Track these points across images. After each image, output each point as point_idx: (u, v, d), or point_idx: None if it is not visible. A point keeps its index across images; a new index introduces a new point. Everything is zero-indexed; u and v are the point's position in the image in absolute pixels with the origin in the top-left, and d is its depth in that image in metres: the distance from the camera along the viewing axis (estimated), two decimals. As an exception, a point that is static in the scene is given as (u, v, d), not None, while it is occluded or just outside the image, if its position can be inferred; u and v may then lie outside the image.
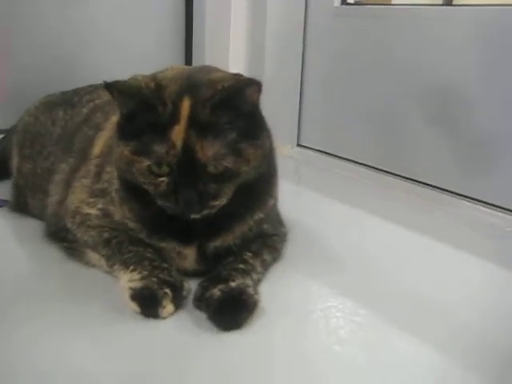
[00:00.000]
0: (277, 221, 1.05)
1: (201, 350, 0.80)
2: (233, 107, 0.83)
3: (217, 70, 0.94)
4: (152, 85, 0.84)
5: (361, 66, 1.60)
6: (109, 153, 0.98)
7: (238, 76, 0.87)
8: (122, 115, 0.88)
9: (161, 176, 0.83)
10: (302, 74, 1.79)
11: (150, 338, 0.82)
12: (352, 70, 1.63)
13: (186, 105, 0.82)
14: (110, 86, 0.84)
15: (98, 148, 1.02)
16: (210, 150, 0.81)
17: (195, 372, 0.76)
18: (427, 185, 1.40)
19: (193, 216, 0.85)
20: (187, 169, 0.82)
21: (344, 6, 1.66)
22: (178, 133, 0.81)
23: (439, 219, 1.25)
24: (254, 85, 0.84)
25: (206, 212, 0.85)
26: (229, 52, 1.79)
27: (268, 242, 1.00)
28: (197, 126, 0.81)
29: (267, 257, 0.98)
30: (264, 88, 1.56)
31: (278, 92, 1.77)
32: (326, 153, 1.75)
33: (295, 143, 1.86)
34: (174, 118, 0.81)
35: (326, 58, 1.71)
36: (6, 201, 1.27)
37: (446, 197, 1.33)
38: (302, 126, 1.85)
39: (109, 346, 0.80)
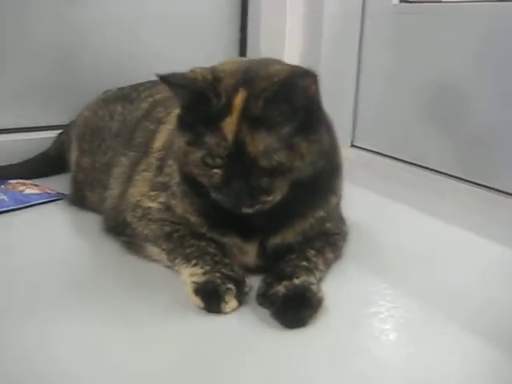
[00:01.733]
0: (339, 219, 1.02)
1: (264, 347, 0.78)
2: (287, 100, 0.81)
3: (278, 62, 0.91)
4: (209, 77, 0.83)
5: (419, 63, 1.56)
6: (170, 146, 0.97)
7: (294, 68, 0.85)
8: (181, 106, 0.87)
9: (215, 167, 0.82)
10: (358, 72, 1.76)
11: (214, 334, 0.80)
12: (410, 68, 1.59)
13: (239, 97, 0.80)
14: (164, 79, 0.84)
15: (159, 141, 1.02)
16: (261, 144, 0.79)
17: (258, 368, 0.74)
18: (488, 187, 1.37)
19: (244, 210, 0.83)
20: (238, 162, 0.80)
21: (403, 4, 1.62)
22: (229, 125, 0.79)
23: (504, 223, 1.20)
24: (309, 77, 0.81)
25: (257, 207, 0.83)
26: (284, 50, 1.77)
27: (330, 240, 0.98)
28: (249, 118, 0.79)
29: (329, 255, 0.96)
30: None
31: (332, 90, 1.74)
32: (381, 154, 1.71)
33: (349, 144, 1.84)
34: (226, 110, 0.80)
35: (383, 55, 1.68)
36: (64, 194, 1.29)
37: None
38: (357, 126, 1.82)
39: (171, 340, 0.79)
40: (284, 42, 1.75)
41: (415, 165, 1.60)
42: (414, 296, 0.93)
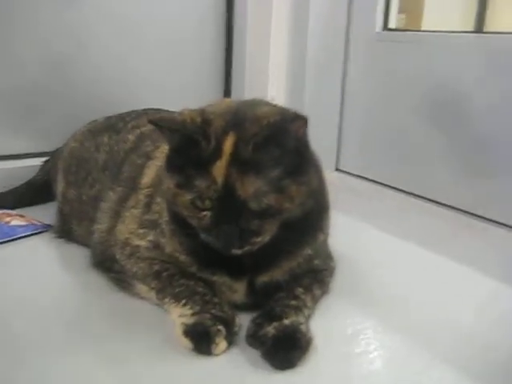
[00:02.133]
0: (326, 255, 1.03)
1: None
2: (277, 144, 0.81)
3: (265, 103, 0.91)
4: (198, 120, 0.83)
5: (402, 89, 1.59)
6: (159, 183, 0.97)
7: (283, 111, 0.86)
8: (169, 149, 0.88)
9: (204, 210, 0.83)
10: (342, 97, 1.79)
11: (203, 376, 0.80)
12: (394, 94, 1.62)
13: (229, 141, 0.81)
14: (154, 123, 0.84)
15: (147, 177, 1.02)
16: (250, 187, 0.80)
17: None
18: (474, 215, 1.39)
19: (233, 252, 0.84)
20: (228, 205, 0.81)
21: (385, 32, 1.65)
22: (219, 168, 0.80)
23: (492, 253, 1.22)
24: (299, 120, 0.82)
25: (247, 248, 0.83)
26: (268, 77, 1.79)
27: (318, 276, 0.98)
28: (239, 162, 0.80)
29: (317, 292, 0.97)
30: (303, 108, 1.57)
31: (317, 114, 1.76)
32: (366, 178, 1.73)
33: (334, 168, 1.85)
34: (216, 154, 0.80)
35: (367, 81, 1.70)
36: (49, 225, 1.28)
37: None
38: (342, 151, 1.84)
39: (160, 382, 0.79)
40: (268, 70, 1.77)
41: (399, 190, 1.62)
42: (400, 333, 0.93)
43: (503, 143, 1.34)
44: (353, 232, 1.38)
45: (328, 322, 0.94)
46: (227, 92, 1.87)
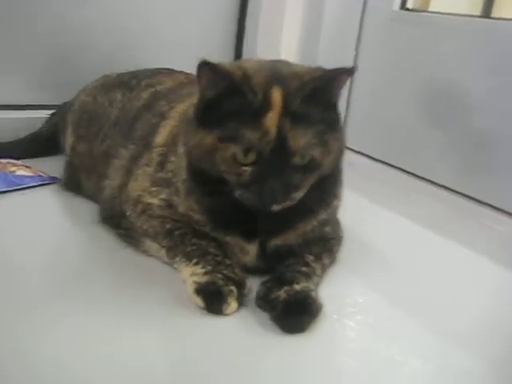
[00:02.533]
0: (336, 224, 1.04)
1: (263, 351, 0.80)
2: (322, 97, 0.83)
3: (299, 65, 0.92)
4: (240, 72, 0.83)
5: (415, 70, 1.59)
6: (173, 142, 0.97)
7: (319, 68, 0.86)
8: (203, 101, 0.86)
9: (245, 165, 0.82)
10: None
11: (212, 334, 0.81)
12: (406, 75, 1.62)
13: (276, 94, 0.81)
14: (204, 65, 0.82)
15: (161, 137, 1.01)
16: (302, 139, 0.80)
17: (256, 372, 0.76)
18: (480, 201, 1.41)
19: (274, 207, 0.83)
20: (278, 157, 0.80)
21: (402, 11, 1.64)
22: (271, 120, 0.80)
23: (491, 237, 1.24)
24: (347, 73, 0.84)
25: (286, 203, 0.83)
26: (281, 46, 1.77)
27: (327, 245, 0.99)
28: (289, 114, 0.80)
29: (326, 261, 0.98)
30: None
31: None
32: (371, 157, 1.74)
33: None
34: (266, 106, 0.80)
35: (378, 60, 1.70)
36: (56, 178, 1.27)
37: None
38: (349, 129, 1.84)
39: (168, 339, 0.81)
40: (280, 44, 1.76)
41: (404, 171, 1.63)
42: (401, 306, 0.95)
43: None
44: (357, 207, 1.40)
45: (334, 292, 0.95)
46: (238, 53, 1.85)
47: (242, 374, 0.75)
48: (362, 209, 1.35)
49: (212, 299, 0.83)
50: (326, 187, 0.92)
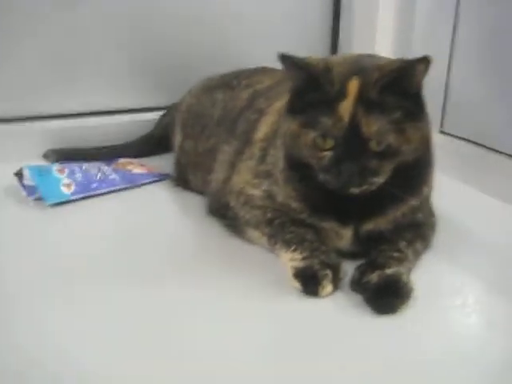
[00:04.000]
0: (429, 210, 1.07)
1: (355, 329, 0.86)
2: (400, 88, 0.87)
3: (384, 57, 0.98)
4: (321, 64, 0.90)
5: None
6: (273, 137, 1.04)
7: (402, 59, 0.91)
8: (292, 90, 0.94)
9: (324, 150, 0.88)
10: (450, 56, 1.76)
11: (309, 315, 0.88)
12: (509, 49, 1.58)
13: (353, 84, 0.87)
14: (284, 58, 0.90)
15: (261, 132, 1.09)
16: (374, 125, 0.86)
17: (348, 351, 0.81)
18: None
19: (352, 190, 0.89)
20: (352, 142, 0.86)
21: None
22: (345, 107, 0.86)
23: None
24: (424, 62, 0.87)
25: (364, 187, 0.89)
26: (376, 30, 1.79)
27: (420, 231, 1.02)
28: (364, 102, 0.86)
29: (419, 246, 1.01)
30: None
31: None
32: (473, 142, 1.71)
33: (437, 130, 1.84)
34: (341, 94, 0.87)
35: (478, 35, 1.67)
36: (168, 174, 1.39)
37: None
38: (447, 111, 1.82)
39: (269, 317, 0.88)
40: (376, 27, 1.78)
41: (507, 154, 1.59)
42: (498, 290, 0.96)
43: None
44: (455, 193, 1.40)
45: (428, 276, 0.98)
46: (334, 48, 1.89)
47: (332, 352, 0.81)
48: (457, 192, 1.36)
49: (309, 282, 0.90)
50: (414, 175, 0.95)
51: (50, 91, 1.53)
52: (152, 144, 1.55)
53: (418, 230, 1.02)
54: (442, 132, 1.83)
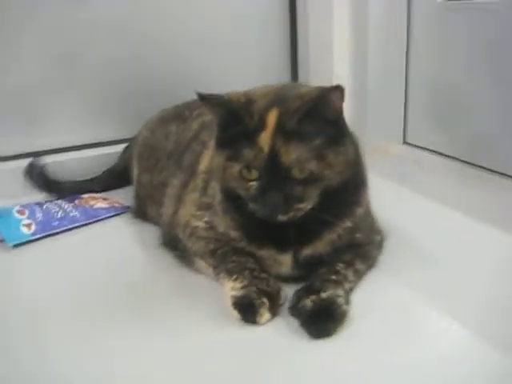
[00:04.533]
0: (370, 229, 1.09)
1: (292, 354, 0.88)
2: (318, 116, 0.90)
3: (305, 85, 1.01)
4: (242, 99, 0.93)
5: (465, 58, 1.58)
6: (212, 169, 1.07)
7: (323, 87, 0.93)
8: (218, 126, 0.97)
9: (250, 180, 0.92)
10: (406, 69, 1.80)
11: (248, 341, 0.91)
12: (459, 64, 1.61)
13: (273, 115, 0.90)
14: (202, 98, 0.94)
15: (203, 164, 1.13)
16: (294, 154, 0.88)
17: (286, 374, 0.84)
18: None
19: (279, 218, 0.92)
20: (273, 171, 0.89)
21: (447, 2, 1.64)
22: (264, 138, 0.89)
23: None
24: (337, 91, 0.89)
25: (291, 214, 0.91)
26: (333, 50, 1.82)
27: (360, 251, 1.05)
28: (283, 132, 0.89)
29: (360, 266, 1.03)
30: (368, 84, 1.58)
31: (382, 88, 1.80)
32: (434, 151, 1.74)
33: (401, 141, 1.88)
34: (260, 126, 0.90)
35: (430, 52, 1.71)
36: (128, 207, 1.43)
37: None
38: (409, 123, 1.86)
39: (210, 345, 0.91)
40: (332, 44, 1.81)
41: (468, 163, 1.62)
42: (448, 305, 0.98)
43: None
44: (412, 205, 1.43)
45: (371, 295, 1.01)
46: (294, 70, 1.93)
47: (270, 375, 0.84)
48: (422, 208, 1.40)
49: (246, 311, 0.93)
50: (344, 197, 0.97)
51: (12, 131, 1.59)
52: (115, 177, 1.59)
53: (358, 250, 1.04)
54: (405, 143, 1.87)
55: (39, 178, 1.55)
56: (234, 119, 0.91)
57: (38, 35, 1.58)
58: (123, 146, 1.64)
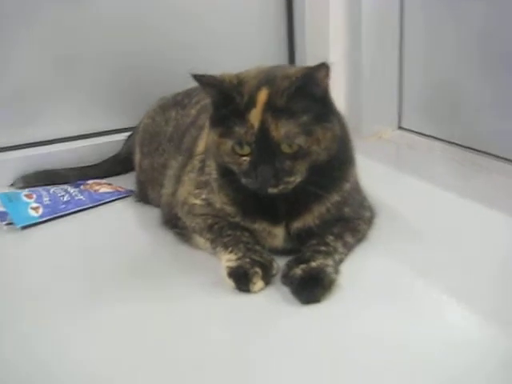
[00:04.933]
0: (359, 205, 1.15)
1: (283, 319, 0.94)
2: (306, 93, 0.96)
3: (294, 67, 1.08)
4: (234, 80, 0.99)
5: (456, 46, 1.63)
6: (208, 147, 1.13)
7: (309, 66, 0.99)
8: (211, 105, 1.03)
9: (243, 156, 0.98)
10: (400, 56, 1.85)
11: (242, 308, 0.98)
12: (450, 48, 1.66)
13: (262, 93, 0.96)
14: (196, 78, 0.99)
15: (200, 146, 1.19)
16: (283, 129, 0.94)
17: (277, 336, 0.91)
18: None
19: (270, 190, 0.97)
20: (264, 146, 0.95)
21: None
22: (255, 115, 0.95)
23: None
24: (323, 68, 0.95)
25: (281, 187, 0.97)
26: (328, 38, 1.87)
27: (350, 225, 1.11)
28: (272, 109, 0.95)
29: (349, 239, 1.09)
30: (363, 72, 1.65)
31: (377, 75, 1.85)
32: (428, 136, 1.79)
33: (396, 126, 1.93)
34: (251, 104, 0.96)
35: (422, 40, 1.76)
36: (131, 191, 1.49)
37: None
38: (403, 109, 1.91)
39: (207, 312, 0.97)
40: (328, 32, 1.86)
41: (459, 145, 1.67)
42: (430, 277, 1.03)
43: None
44: (407, 188, 1.48)
45: (359, 266, 1.07)
46: (292, 57, 1.99)
47: (262, 337, 0.91)
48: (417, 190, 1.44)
49: (240, 280, 0.99)
50: (332, 172, 1.04)
51: (13, 122, 1.65)
52: (119, 164, 1.65)
53: (347, 224, 1.10)
54: (400, 127, 1.92)
55: (39, 178, 1.59)
56: (226, 99, 0.97)
57: (36, 31, 1.63)
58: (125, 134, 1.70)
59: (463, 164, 1.59)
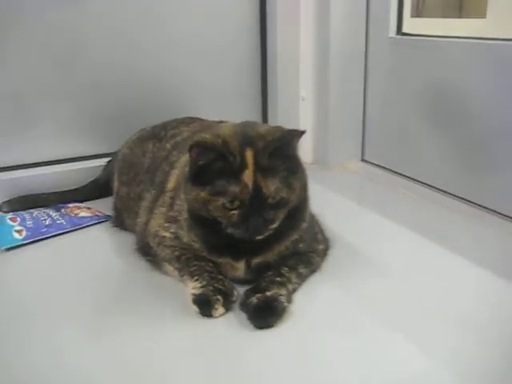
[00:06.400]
0: (313, 239, 1.28)
1: (240, 342, 1.06)
2: (282, 152, 1.10)
3: (261, 124, 1.21)
4: (220, 140, 1.10)
5: (416, 88, 1.78)
6: (178, 188, 1.25)
7: (279, 128, 1.14)
8: (196, 168, 1.11)
9: (232, 210, 1.09)
10: (364, 94, 2.00)
11: (204, 331, 1.09)
12: (408, 91, 1.81)
13: (249, 154, 1.08)
14: (194, 145, 1.09)
15: (171, 183, 1.30)
16: (272, 187, 1.08)
17: (234, 358, 1.03)
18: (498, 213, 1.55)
19: (257, 237, 1.11)
20: (256, 202, 1.08)
21: (398, 37, 1.84)
22: (248, 176, 1.07)
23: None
24: (298, 134, 1.11)
25: (266, 234, 1.11)
26: (298, 76, 2.03)
27: (303, 257, 1.24)
28: (260, 169, 1.07)
29: (303, 270, 1.22)
30: (330, 107, 1.84)
31: (342, 111, 1.99)
32: (389, 170, 1.94)
33: (359, 158, 2.07)
34: (243, 165, 1.07)
35: (384, 80, 1.91)
36: (109, 216, 1.60)
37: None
38: (366, 141, 2.05)
39: (171, 336, 1.08)
40: (298, 73, 2.02)
41: (420, 182, 1.81)
42: (377, 316, 1.13)
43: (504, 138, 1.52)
44: (365, 220, 1.62)
45: (311, 296, 1.19)
46: (264, 95, 2.13)
47: (219, 358, 1.03)
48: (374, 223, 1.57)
49: (203, 306, 1.11)
50: (294, 215, 1.17)
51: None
52: (98, 188, 1.76)
53: (300, 257, 1.23)
54: (363, 160, 2.07)
55: (23, 202, 1.68)
56: (218, 159, 1.08)
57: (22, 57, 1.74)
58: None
59: (417, 199, 1.74)
